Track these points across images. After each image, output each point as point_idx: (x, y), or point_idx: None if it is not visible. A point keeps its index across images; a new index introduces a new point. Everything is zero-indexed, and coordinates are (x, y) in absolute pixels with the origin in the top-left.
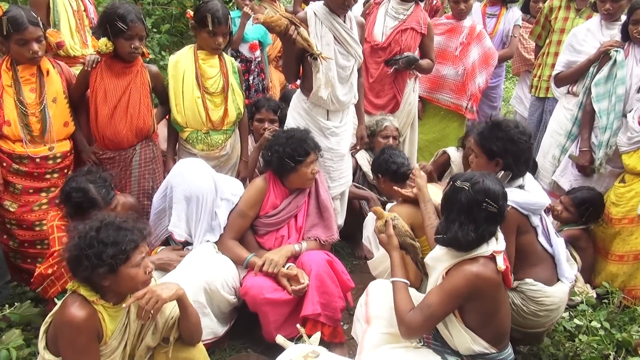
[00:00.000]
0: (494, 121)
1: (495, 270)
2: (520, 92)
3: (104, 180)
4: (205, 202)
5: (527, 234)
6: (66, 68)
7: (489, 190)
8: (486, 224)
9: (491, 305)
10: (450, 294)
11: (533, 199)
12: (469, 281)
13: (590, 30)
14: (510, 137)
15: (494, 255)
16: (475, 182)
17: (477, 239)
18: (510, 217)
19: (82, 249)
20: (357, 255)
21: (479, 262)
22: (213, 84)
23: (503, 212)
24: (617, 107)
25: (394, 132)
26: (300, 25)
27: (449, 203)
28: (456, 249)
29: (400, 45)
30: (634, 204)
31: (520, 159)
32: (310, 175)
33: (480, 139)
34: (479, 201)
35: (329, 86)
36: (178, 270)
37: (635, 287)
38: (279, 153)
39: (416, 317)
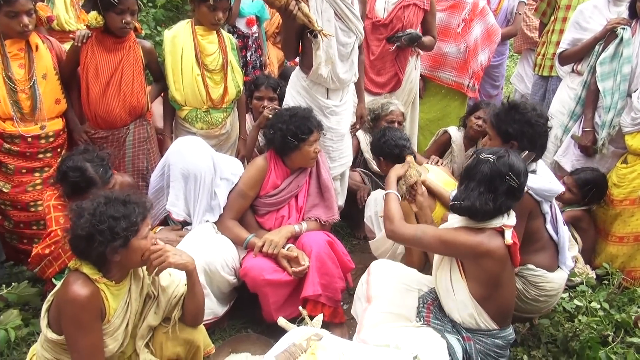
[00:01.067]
0: (511, 103)
1: (501, 245)
2: (522, 70)
3: (101, 159)
4: (203, 181)
5: (536, 220)
6: (56, 43)
7: (513, 165)
8: (505, 197)
9: (493, 279)
10: (445, 240)
11: (547, 185)
12: (469, 244)
13: (597, 7)
14: (527, 119)
15: (503, 229)
16: (501, 156)
17: (494, 210)
18: (525, 201)
19: (95, 225)
20: (356, 236)
21: (485, 233)
22: (212, 61)
23: (522, 189)
24: (622, 86)
25: (399, 116)
26: (301, 0)
27: (471, 173)
28: (471, 217)
29: (403, 22)
30: (635, 185)
31: (536, 142)
32: (313, 154)
33: (496, 121)
34: (502, 173)
35: (330, 64)
36: None
37: (634, 268)
38: (282, 131)
39: (407, 229)
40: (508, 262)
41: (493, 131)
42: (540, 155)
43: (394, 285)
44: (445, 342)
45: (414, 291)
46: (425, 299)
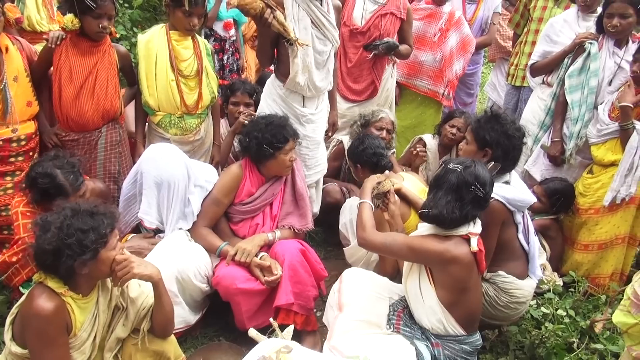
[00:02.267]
0: (494, 112)
1: (467, 251)
2: (495, 79)
3: (71, 165)
4: (176, 189)
5: (509, 230)
6: (26, 44)
7: (479, 175)
8: (471, 206)
9: (459, 284)
10: (414, 247)
11: (520, 195)
12: (436, 251)
13: (567, 21)
14: (505, 130)
15: (469, 237)
16: (468, 166)
17: (460, 218)
18: (498, 211)
19: (62, 239)
20: (331, 242)
21: (451, 240)
22: (187, 67)
23: (488, 198)
24: (589, 99)
25: (388, 124)
26: (276, 8)
27: (440, 182)
28: (439, 224)
29: (380, 30)
30: (600, 195)
31: (509, 154)
32: (288, 163)
33: (476, 127)
34: (469, 183)
35: (307, 72)
36: (149, 258)
37: (599, 275)
38: (258, 139)
39: (377, 237)
40: (474, 269)
41: (471, 136)
42: (513, 167)
43: (365, 293)
44: (414, 349)
45: (385, 299)
46: (395, 307)
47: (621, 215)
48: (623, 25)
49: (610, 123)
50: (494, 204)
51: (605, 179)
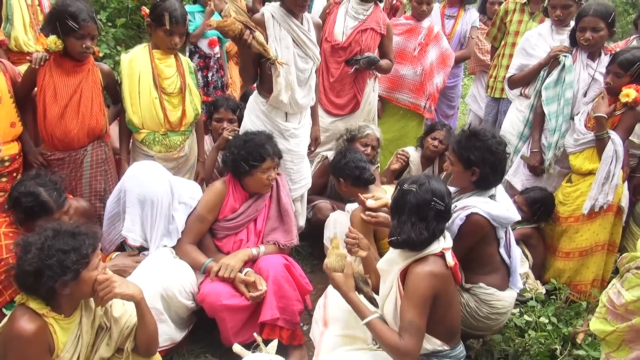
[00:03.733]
0: (472, 130)
1: (445, 266)
2: (475, 91)
3: (54, 183)
4: (160, 206)
5: (490, 245)
6: (10, 66)
7: (435, 189)
8: (436, 222)
9: (445, 301)
10: (421, 301)
11: (505, 213)
12: (429, 281)
13: (541, 34)
14: (488, 146)
15: (443, 253)
16: (422, 184)
17: (429, 237)
18: (481, 226)
19: (43, 260)
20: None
21: (429, 261)
22: (170, 85)
23: (449, 209)
24: (566, 110)
25: (374, 141)
26: (255, 29)
27: (399, 205)
28: (410, 248)
29: (361, 45)
30: (579, 203)
31: (497, 168)
32: (266, 182)
33: (457, 148)
34: (427, 200)
35: (289, 89)
36: (134, 276)
37: (580, 282)
38: (234, 155)
39: (410, 341)
40: (452, 282)
41: (455, 157)
42: (500, 179)
43: (350, 308)
44: None
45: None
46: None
47: (600, 223)
48: (595, 38)
49: (586, 133)
50: (478, 219)
51: (584, 187)
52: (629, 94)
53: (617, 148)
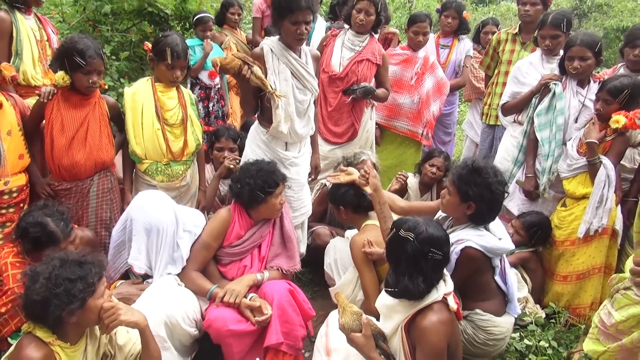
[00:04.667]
0: (475, 166)
1: (449, 311)
2: (471, 118)
3: (61, 213)
4: (165, 234)
5: (485, 273)
6: (20, 100)
7: (432, 238)
8: (433, 272)
9: (453, 344)
10: (437, 354)
11: (500, 244)
12: (441, 332)
13: (532, 63)
14: (488, 184)
15: (445, 298)
16: (420, 232)
17: (427, 288)
18: (474, 258)
19: (51, 289)
20: (318, 282)
21: (434, 310)
22: (172, 116)
23: (448, 257)
24: (558, 135)
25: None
26: (253, 64)
27: (396, 254)
28: (408, 299)
29: (357, 76)
30: (574, 227)
31: (493, 207)
32: (279, 206)
33: (458, 180)
34: (424, 252)
35: (289, 120)
36: (138, 303)
37: (579, 305)
38: (250, 185)
39: None
40: (456, 323)
41: (454, 188)
42: (495, 216)
43: None
44: None
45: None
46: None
47: (595, 246)
48: (583, 67)
49: (579, 158)
50: (472, 252)
51: (578, 211)
52: (619, 120)
53: (609, 172)
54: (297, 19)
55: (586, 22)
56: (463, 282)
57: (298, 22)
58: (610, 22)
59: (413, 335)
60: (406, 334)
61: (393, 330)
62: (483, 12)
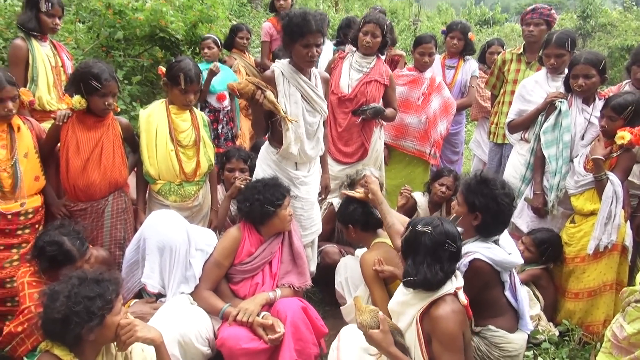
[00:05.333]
0: (483, 177)
1: (460, 305)
2: (479, 137)
3: (76, 232)
4: (178, 253)
5: (495, 288)
6: (36, 124)
7: (448, 232)
8: (449, 263)
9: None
10: (456, 343)
11: (508, 258)
12: (456, 320)
13: (537, 82)
14: (494, 196)
15: (457, 292)
16: (436, 226)
17: (444, 277)
18: (483, 272)
19: (71, 307)
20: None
21: (447, 301)
22: (185, 137)
23: (461, 251)
24: (565, 153)
25: None
26: (266, 88)
27: (413, 246)
28: (426, 289)
29: (366, 96)
30: (584, 244)
31: (498, 218)
32: (289, 217)
33: (466, 191)
34: (442, 242)
35: (299, 142)
36: (151, 323)
37: (592, 323)
38: (260, 200)
39: None
40: (467, 320)
41: (462, 199)
42: (503, 229)
43: (362, 351)
44: None
45: (382, 358)
46: None
47: (606, 262)
48: (587, 84)
49: (586, 174)
50: (480, 264)
51: (587, 227)
52: (624, 137)
53: (617, 189)
54: (308, 41)
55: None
56: (473, 297)
57: (309, 44)
58: (615, 41)
59: (427, 327)
60: (421, 325)
61: (408, 325)
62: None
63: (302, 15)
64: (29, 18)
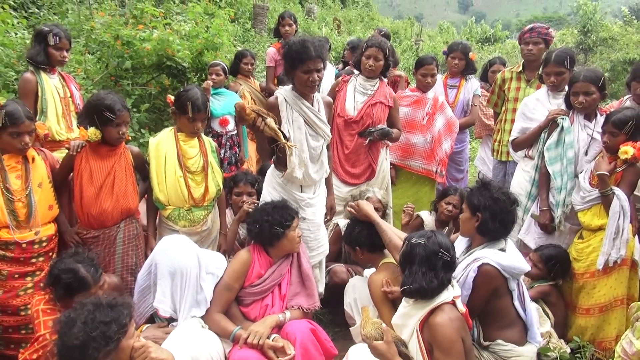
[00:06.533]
0: (484, 181)
1: (459, 313)
2: (483, 154)
3: (90, 259)
4: (189, 278)
5: (503, 297)
6: (50, 154)
7: (441, 242)
8: (444, 272)
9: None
10: (455, 348)
11: (515, 263)
12: (454, 327)
13: (539, 99)
14: (492, 195)
15: (454, 301)
16: (429, 237)
17: (439, 285)
18: (492, 276)
19: (88, 333)
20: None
21: (445, 310)
22: (194, 164)
23: (454, 261)
24: (569, 169)
25: (376, 203)
26: (267, 116)
27: (409, 257)
28: (422, 297)
29: (372, 118)
30: (593, 259)
31: (496, 217)
32: (297, 239)
33: (468, 195)
34: (435, 252)
35: (303, 166)
36: (164, 347)
37: (604, 339)
38: (269, 222)
39: None
40: (467, 329)
41: (465, 204)
42: (505, 231)
43: None
44: None
45: None
46: None
47: (616, 277)
48: (588, 101)
49: (591, 190)
50: (488, 269)
51: (595, 242)
52: (627, 152)
53: (623, 203)
54: (308, 67)
55: (592, 55)
56: (482, 306)
57: (309, 70)
58: (617, 55)
59: (427, 335)
60: (421, 335)
61: (409, 336)
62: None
63: (301, 43)
64: (38, 52)
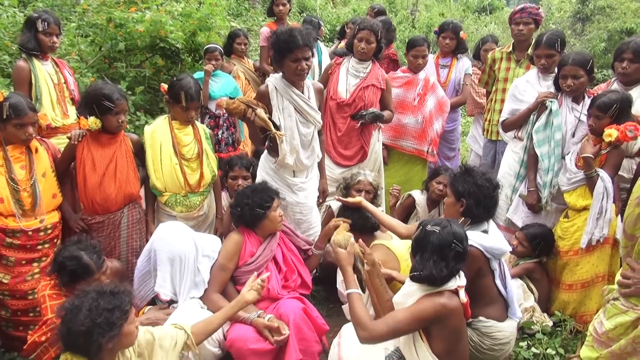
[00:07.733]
0: (467, 167)
1: (459, 303)
2: (475, 132)
3: (93, 246)
4: (187, 262)
5: (485, 277)
6: (51, 144)
7: (456, 233)
8: (454, 262)
9: (455, 334)
10: (417, 316)
11: (497, 244)
12: (436, 309)
13: (529, 81)
14: (475, 181)
15: (458, 290)
16: (445, 226)
17: (448, 275)
18: (475, 257)
19: (93, 320)
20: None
21: (444, 295)
22: (189, 151)
23: (467, 252)
24: (557, 150)
25: (367, 186)
26: (257, 106)
27: (422, 244)
28: (430, 284)
29: (364, 101)
30: (577, 237)
31: (480, 203)
32: (279, 218)
33: (452, 181)
34: (449, 242)
35: (294, 152)
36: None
37: (585, 313)
38: (249, 204)
39: (381, 327)
40: (463, 317)
41: (450, 189)
42: (488, 215)
43: (362, 346)
44: None
45: (381, 350)
46: (391, 358)
47: (598, 255)
48: (576, 84)
49: (577, 172)
50: (472, 251)
51: (580, 222)
52: (611, 134)
53: (607, 185)
54: (296, 56)
55: (590, 25)
56: (466, 285)
57: (298, 59)
58: (614, 24)
59: None
60: None
61: None
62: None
63: (288, 32)
64: (28, 39)
